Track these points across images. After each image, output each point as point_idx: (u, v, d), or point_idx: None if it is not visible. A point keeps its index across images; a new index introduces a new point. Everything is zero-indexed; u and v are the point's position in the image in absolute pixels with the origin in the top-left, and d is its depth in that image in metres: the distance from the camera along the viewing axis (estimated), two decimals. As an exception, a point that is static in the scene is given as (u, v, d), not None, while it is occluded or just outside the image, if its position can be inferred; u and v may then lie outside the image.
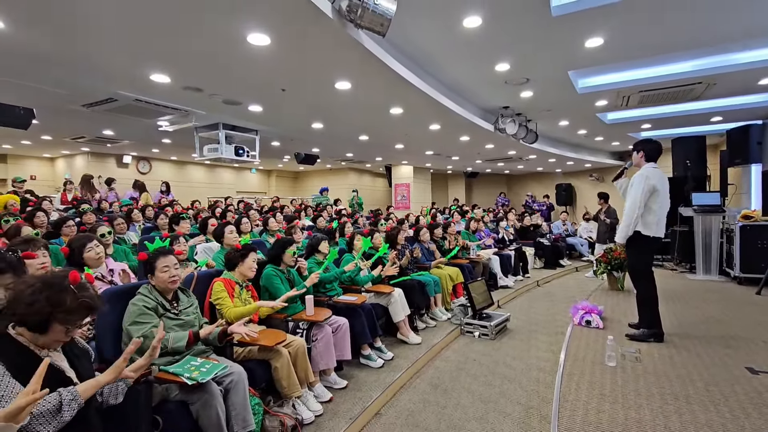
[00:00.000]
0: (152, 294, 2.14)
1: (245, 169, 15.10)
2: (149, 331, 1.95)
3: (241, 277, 2.72)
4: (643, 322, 3.60)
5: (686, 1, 3.34)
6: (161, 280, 2.16)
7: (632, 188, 3.47)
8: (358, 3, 2.69)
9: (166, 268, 2.17)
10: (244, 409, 2.02)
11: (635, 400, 2.43)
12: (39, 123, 6.70)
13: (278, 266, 3.11)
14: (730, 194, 7.69)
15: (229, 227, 3.99)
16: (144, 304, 2.05)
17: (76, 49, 3.75)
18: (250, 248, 2.76)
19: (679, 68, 5.02)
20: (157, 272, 2.16)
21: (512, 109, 6.74)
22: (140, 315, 2.01)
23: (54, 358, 1.41)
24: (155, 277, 2.17)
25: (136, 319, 2.00)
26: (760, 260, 5.69)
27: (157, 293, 2.16)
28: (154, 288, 2.18)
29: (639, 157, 3.58)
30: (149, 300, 2.09)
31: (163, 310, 2.13)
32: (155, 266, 2.16)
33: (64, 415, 1.27)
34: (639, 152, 3.57)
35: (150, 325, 1.99)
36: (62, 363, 1.44)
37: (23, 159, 11.05)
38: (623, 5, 3.36)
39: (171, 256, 2.22)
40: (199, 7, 2.99)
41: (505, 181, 17.43)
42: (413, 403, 2.81)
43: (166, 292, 2.20)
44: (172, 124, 6.57)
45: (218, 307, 2.53)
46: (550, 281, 7.20)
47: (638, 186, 3.42)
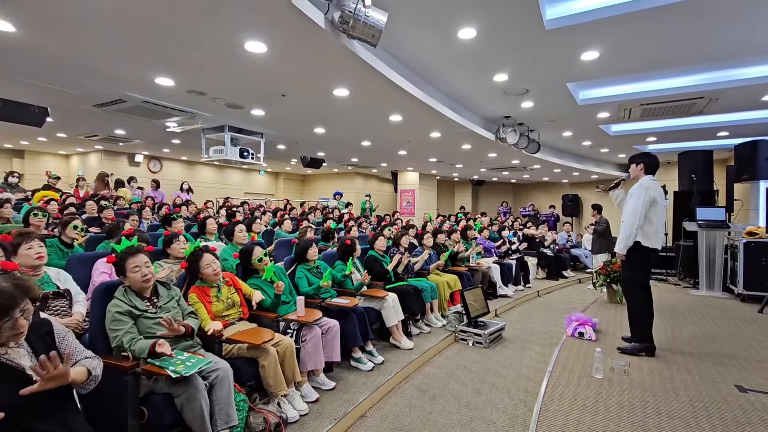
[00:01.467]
0: (126, 296, 2.13)
1: (254, 171, 15.29)
2: (120, 341, 1.99)
3: (210, 280, 2.66)
4: (636, 335, 3.57)
5: (682, 17, 3.36)
6: (134, 281, 2.15)
7: (632, 199, 3.44)
8: (350, 14, 2.77)
9: (136, 268, 2.15)
10: (227, 405, 2.07)
11: (617, 413, 2.44)
12: (53, 121, 6.92)
13: (258, 275, 3.13)
14: (736, 210, 7.60)
15: (239, 226, 4.13)
16: (116, 309, 2.05)
17: (85, 53, 3.91)
18: (196, 255, 2.68)
19: (681, 82, 5.02)
20: (129, 273, 2.14)
21: (514, 119, 6.78)
22: (113, 321, 2.03)
23: (12, 356, 1.41)
24: (127, 278, 2.15)
25: (110, 326, 2.03)
26: (764, 278, 5.61)
27: (133, 294, 2.16)
28: (129, 289, 2.17)
29: (638, 170, 3.56)
30: (122, 304, 2.08)
31: (138, 312, 2.12)
32: (125, 267, 2.15)
33: None
34: (639, 165, 3.56)
35: (123, 331, 2.01)
36: (21, 360, 1.43)
37: (39, 155, 11.37)
38: (616, 20, 3.39)
39: (140, 255, 2.20)
40: (197, 15, 3.11)
41: (511, 190, 17.38)
42: (399, 407, 2.85)
43: (142, 291, 2.20)
44: (179, 126, 6.73)
45: None
46: (552, 292, 7.17)
47: (638, 196, 3.40)
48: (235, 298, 2.76)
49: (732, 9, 3.25)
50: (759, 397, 2.67)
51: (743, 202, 7.90)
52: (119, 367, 1.92)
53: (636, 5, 3.21)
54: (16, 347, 1.44)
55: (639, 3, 3.19)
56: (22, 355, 1.45)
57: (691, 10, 3.26)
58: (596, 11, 3.32)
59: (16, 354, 1.43)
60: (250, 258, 3.13)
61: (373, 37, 2.91)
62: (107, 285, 2.24)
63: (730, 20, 3.42)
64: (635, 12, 3.25)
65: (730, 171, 7.83)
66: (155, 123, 6.71)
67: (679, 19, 3.40)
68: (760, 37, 3.73)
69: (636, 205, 3.38)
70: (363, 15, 2.75)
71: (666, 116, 6.28)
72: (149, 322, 2.15)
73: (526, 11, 3.30)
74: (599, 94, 5.59)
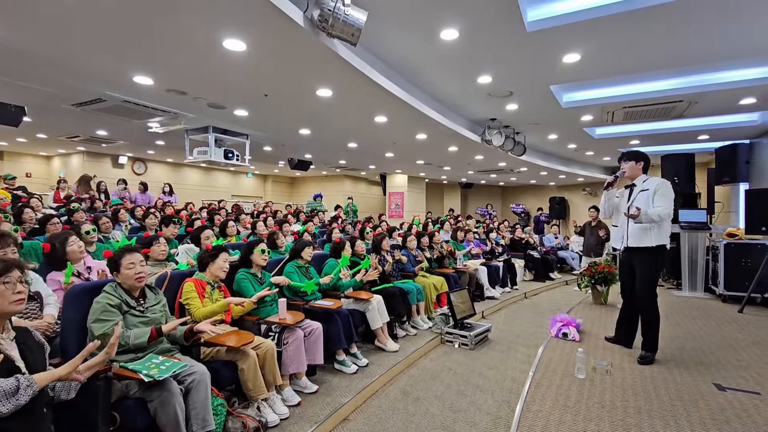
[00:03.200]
0: (117, 291, 2.14)
1: (241, 173, 15.15)
2: (111, 329, 1.96)
3: (213, 277, 2.74)
4: (649, 344, 3.38)
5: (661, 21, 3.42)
6: (127, 277, 2.17)
7: (664, 197, 3.26)
8: (329, 12, 2.76)
9: (131, 264, 2.18)
10: (204, 409, 2.02)
11: (597, 413, 2.45)
12: (32, 121, 6.77)
13: (249, 269, 3.12)
14: (717, 212, 7.76)
15: (205, 232, 3.96)
16: (107, 301, 2.05)
17: (60, 49, 3.82)
18: (220, 249, 2.78)
19: (661, 86, 5.12)
20: (123, 269, 2.17)
21: (499, 121, 6.83)
22: (103, 312, 2.02)
23: (4, 346, 1.43)
24: (121, 275, 2.18)
25: (99, 317, 2.01)
26: (744, 278, 5.71)
27: (123, 291, 2.17)
28: (120, 286, 2.18)
29: (638, 168, 3.46)
30: (113, 297, 2.09)
31: (128, 308, 2.13)
32: (120, 263, 2.17)
33: (20, 399, 1.32)
34: (639, 162, 3.47)
35: (112, 323, 1.99)
36: (12, 352, 1.46)
37: (20, 156, 11.11)
38: (596, 23, 3.44)
39: (137, 254, 2.23)
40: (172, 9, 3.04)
41: (499, 193, 17.52)
42: (382, 410, 2.82)
43: (132, 289, 2.21)
44: (162, 126, 6.63)
45: (187, 307, 2.54)
46: (538, 294, 7.21)
47: (670, 193, 3.27)
48: (222, 303, 2.74)
49: (709, 15, 3.32)
50: (737, 395, 2.71)
51: (724, 204, 8.07)
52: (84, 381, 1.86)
53: (615, 8, 3.26)
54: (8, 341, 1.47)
55: (618, 6, 3.25)
56: (13, 348, 1.48)
57: (668, 15, 3.32)
58: (576, 14, 3.37)
59: (8, 346, 1.47)
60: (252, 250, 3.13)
61: (353, 36, 2.90)
62: (82, 287, 2.19)
63: (708, 26, 3.50)
64: (615, 15, 3.31)
65: (711, 174, 8.01)
66: (137, 123, 6.60)
67: (658, 24, 3.47)
68: (736, 43, 3.83)
69: (670, 201, 3.24)
70: (342, 13, 2.74)
71: (648, 119, 6.40)
72: (135, 320, 2.14)
73: (507, 13, 3.33)
74: (582, 97, 5.67)
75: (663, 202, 3.24)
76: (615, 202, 3.58)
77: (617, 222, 3.57)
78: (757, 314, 5.13)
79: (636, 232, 3.34)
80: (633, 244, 3.37)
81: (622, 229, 3.48)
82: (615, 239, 3.63)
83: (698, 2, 3.11)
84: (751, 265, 5.69)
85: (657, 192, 3.28)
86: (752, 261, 5.72)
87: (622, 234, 3.46)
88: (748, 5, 3.17)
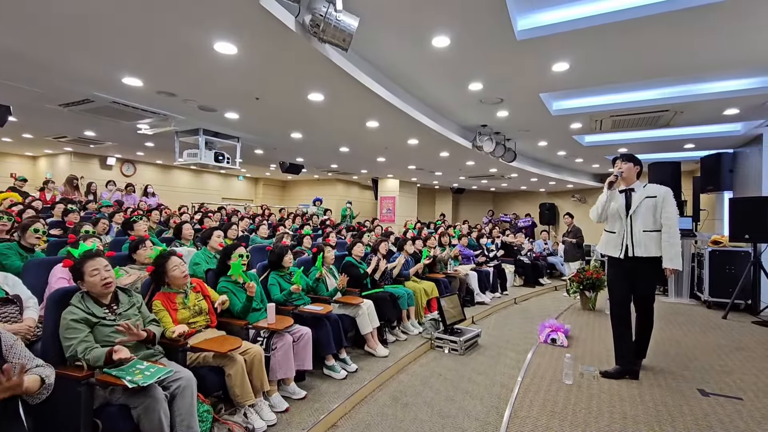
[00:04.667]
0: (83, 303, 2.05)
1: (232, 176, 15.04)
2: (74, 350, 1.90)
3: (177, 284, 2.60)
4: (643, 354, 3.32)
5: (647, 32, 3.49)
6: (92, 285, 2.08)
7: (672, 205, 3.08)
8: (320, 17, 2.76)
9: (95, 271, 2.08)
10: (189, 416, 1.99)
11: (584, 419, 2.47)
12: (18, 121, 6.65)
13: (228, 277, 3.04)
14: (702, 219, 7.90)
15: (217, 232, 4.02)
16: (72, 317, 1.97)
17: (48, 50, 3.76)
18: (162, 258, 2.61)
19: (648, 95, 5.22)
20: (87, 277, 2.07)
21: (490, 128, 6.89)
22: (67, 330, 1.94)
23: None
24: (86, 283, 2.08)
25: (64, 335, 1.94)
26: (728, 285, 5.82)
27: (91, 301, 2.09)
28: (87, 295, 2.09)
29: (635, 170, 3.25)
30: (78, 311, 2.00)
31: (96, 319, 2.04)
32: (83, 271, 2.07)
33: None
34: (637, 165, 3.26)
35: (78, 340, 1.92)
36: None
37: (4, 156, 10.89)
38: (584, 33, 3.50)
39: (99, 258, 2.13)
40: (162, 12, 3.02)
41: (491, 199, 17.63)
42: (371, 416, 2.80)
43: (101, 297, 2.12)
44: (151, 128, 6.57)
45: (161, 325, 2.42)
46: (528, 299, 7.27)
47: (674, 203, 3.11)
48: (202, 304, 2.68)
49: (694, 28, 3.40)
50: (719, 401, 2.75)
51: (709, 211, 8.23)
52: (72, 377, 1.83)
53: (603, 19, 3.32)
54: None
55: (605, 17, 3.31)
56: None
57: (654, 27, 3.40)
58: (565, 23, 3.43)
59: None
60: (230, 255, 3.06)
61: (345, 42, 2.91)
62: (63, 291, 2.14)
63: (693, 38, 3.58)
64: (602, 25, 3.36)
65: (696, 182, 8.16)
66: (126, 125, 6.51)
67: (644, 35, 3.54)
68: (721, 55, 3.92)
69: (677, 212, 3.08)
70: (334, 19, 2.75)
71: (635, 128, 6.51)
72: (107, 330, 2.06)
73: (497, 22, 3.37)
74: (571, 105, 5.76)
75: (672, 214, 3.05)
76: (613, 207, 3.28)
77: (614, 228, 3.28)
78: (741, 320, 5.22)
79: (646, 241, 3.08)
80: (643, 254, 3.08)
81: (620, 235, 3.21)
82: (609, 246, 3.30)
83: (683, 15, 3.18)
84: (735, 272, 5.81)
85: (665, 201, 3.08)
86: (736, 268, 5.83)
87: (621, 241, 3.20)
88: (732, 20, 3.25)
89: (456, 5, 3.17)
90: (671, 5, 3.11)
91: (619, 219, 3.24)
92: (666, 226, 3.04)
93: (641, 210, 3.13)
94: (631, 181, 3.26)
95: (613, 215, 3.28)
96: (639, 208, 3.15)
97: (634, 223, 3.15)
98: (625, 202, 3.22)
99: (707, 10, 3.11)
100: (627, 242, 3.17)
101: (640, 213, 3.13)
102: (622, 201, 3.24)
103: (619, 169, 3.23)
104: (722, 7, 3.06)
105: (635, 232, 3.13)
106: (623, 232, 3.20)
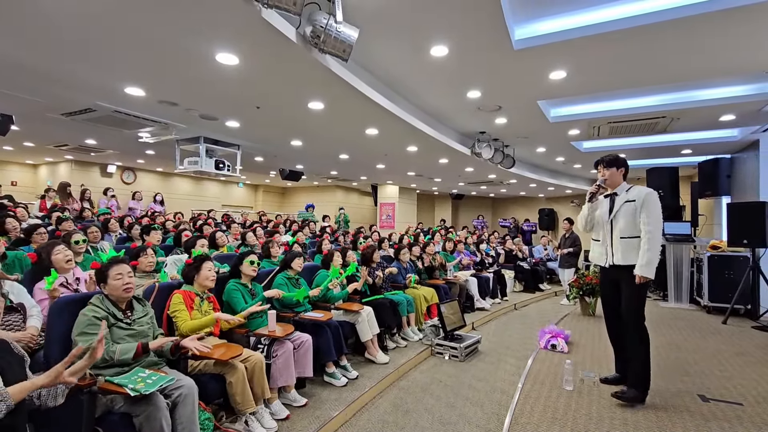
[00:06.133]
0: (104, 304, 2.12)
1: (232, 183, 15.09)
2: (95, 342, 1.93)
3: (201, 288, 2.72)
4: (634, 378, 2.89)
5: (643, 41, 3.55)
6: (114, 288, 2.15)
7: (653, 208, 2.87)
8: (321, 29, 2.81)
9: (119, 275, 2.16)
10: (191, 424, 2.00)
11: (585, 425, 2.47)
12: (19, 129, 6.69)
13: (240, 280, 3.11)
14: (700, 224, 7.93)
15: (201, 240, 4.01)
16: (94, 314, 2.03)
17: (50, 60, 3.82)
18: (202, 258, 2.76)
19: (645, 102, 5.28)
20: (110, 280, 2.15)
21: (489, 135, 6.95)
22: (88, 326, 1.99)
23: None
24: (108, 286, 2.16)
25: (84, 330, 1.98)
26: (728, 290, 5.83)
27: (110, 303, 2.15)
28: (107, 297, 2.17)
29: (619, 174, 3.08)
30: (99, 310, 2.07)
31: (114, 320, 2.11)
32: (108, 275, 2.15)
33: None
34: (620, 169, 3.07)
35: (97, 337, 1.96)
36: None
37: (5, 165, 10.94)
38: (580, 42, 3.55)
39: (124, 264, 2.22)
40: (165, 23, 3.07)
41: (490, 204, 17.68)
42: (372, 423, 2.80)
43: (120, 301, 2.19)
44: (153, 136, 6.62)
45: (174, 319, 2.52)
46: (528, 305, 7.26)
47: (658, 205, 2.90)
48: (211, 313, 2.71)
49: (689, 36, 3.45)
50: (720, 406, 2.76)
51: (707, 217, 8.25)
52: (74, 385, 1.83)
53: (598, 28, 3.38)
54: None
55: (601, 27, 3.36)
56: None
57: (650, 36, 3.45)
58: (562, 33, 3.48)
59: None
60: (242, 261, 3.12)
61: (345, 52, 2.96)
62: (67, 300, 2.16)
63: (689, 45, 3.63)
64: (598, 35, 3.42)
65: (694, 187, 8.20)
66: (128, 133, 6.57)
67: (640, 43, 3.59)
68: (717, 62, 3.97)
69: (659, 216, 2.87)
70: (334, 30, 2.80)
71: (633, 134, 6.57)
72: (122, 333, 2.11)
73: (494, 31, 3.43)
74: (569, 112, 5.81)
75: (650, 218, 2.85)
76: (597, 214, 3.17)
77: (598, 236, 3.16)
78: (740, 325, 5.22)
79: (624, 247, 2.93)
80: (620, 262, 2.93)
81: (605, 244, 3.08)
82: (595, 254, 3.19)
83: (679, 23, 3.23)
84: (734, 277, 5.82)
85: (645, 205, 2.89)
86: (735, 273, 5.85)
87: (605, 250, 3.07)
88: (728, 27, 3.30)
89: (454, 16, 3.23)
90: (667, 15, 3.16)
91: (602, 226, 3.12)
92: (643, 231, 2.86)
93: (620, 215, 2.98)
94: (615, 185, 3.09)
95: (598, 222, 3.16)
96: (618, 213, 3.00)
97: (614, 229, 3.01)
98: (609, 208, 3.08)
99: (702, 19, 3.16)
100: (609, 250, 3.04)
101: (620, 218, 2.98)
102: (606, 206, 3.10)
103: (603, 177, 3.09)
104: (718, 16, 3.11)
105: (616, 238, 2.99)
106: (606, 240, 3.07)
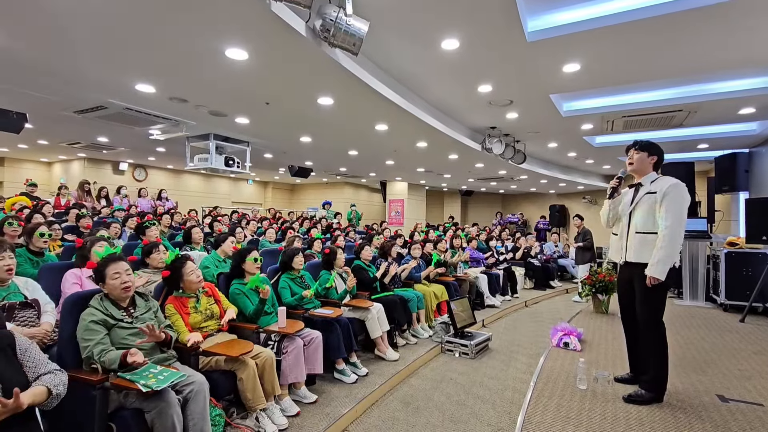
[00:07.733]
0: (102, 305, 2.09)
1: (242, 180, 15.18)
2: (90, 352, 1.93)
3: (191, 289, 2.62)
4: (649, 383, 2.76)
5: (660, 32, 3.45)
6: (113, 288, 2.12)
7: (674, 203, 2.57)
8: (331, 22, 2.78)
9: (117, 274, 2.13)
10: (202, 420, 2.00)
11: (599, 424, 2.42)
12: (33, 127, 6.80)
13: (242, 280, 3.05)
14: (717, 221, 7.76)
15: (231, 238, 4.07)
16: (91, 318, 2.00)
17: (61, 58, 3.85)
18: (180, 260, 2.64)
19: (661, 95, 5.15)
20: (108, 279, 2.11)
21: (499, 130, 6.86)
22: (85, 331, 1.97)
23: None
24: (106, 285, 2.12)
25: (82, 336, 1.97)
26: (745, 287, 5.69)
27: (109, 302, 2.12)
28: (106, 297, 2.13)
29: (649, 162, 2.75)
30: (97, 312, 2.04)
31: (114, 321, 2.07)
32: (105, 274, 2.12)
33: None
34: (652, 156, 2.75)
35: (95, 342, 1.94)
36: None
37: (20, 163, 11.13)
38: (595, 34, 3.46)
39: (122, 262, 2.18)
40: (174, 20, 3.07)
41: (500, 201, 17.52)
42: (382, 420, 2.79)
43: (120, 300, 2.16)
44: (163, 133, 6.66)
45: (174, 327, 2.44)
46: (539, 302, 7.19)
47: (682, 200, 2.59)
48: (214, 309, 2.70)
49: (707, 26, 3.35)
50: (740, 407, 2.68)
51: (724, 213, 8.07)
52: (87, 381, 1.85)
53: (614, 19, 3.29)
54: None
55: (617, 17, 3.27)
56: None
57: (667, 26, 3.35)
58: (576, 24, 3.40)
59: None
60: (244, 258, 3.07)
61: (354, 46, 2.92)
62: (78, 296, 2.17)
63: (706, 36, 3.52)
64: (614, 26, 3.33)
65: (711, 182, 8.02)
66: (138, 130, 6.63)
67: (657, 34, 3.50)
68: (735, 53, 3.85)
69: (682, 212, 2.57)
70: (344, 24, 2.76)
71: (648, 128, 6.43)
72: (124, 332, 2.09)
73: (507, 23, 3.36)
74: (582, 106, 5.70)
75: (669, 213, 2.56)
76: (620, 208, 2.89)
77: (617, 229, 2.91)
78: (759, 324, 5.10)
79: (638, 243, 2.69)
80: (632, 259, 2.70)
81: (622, 238, 2.83)
82: (612, 249, 2.96)
83: (697, 14, 3.13)
84: (752, 274, 5.67)
85: (665, 198, 2.59)
86: (753, 270, 5.70)
87: (622, 245, 2.82)
88: (746, 17, 3.19)
89: (465, 8, 3.17)
90: (683, 4, 3.07)
91: (621, 220, 2.87)
92: (660, 226, 2.59)
93: (640, 208, 2.71)
94: (642, 173, 2.78)
95: (620, 215, 2.91)
96: (638, 206, 2.72)
97: (631, 223, 2.76)
98: (632, 199, 2.80)
99: (720, 9, 3.06)
100: (624, 245, 2.79)
101: (639, 211, 2.71)
102: (629, 197, 2.83)
103: (629, 161, 2.82)
104: (735, 5, 3.01)
105: (631, 233, 2.74)
106: (623, 234, 2.81)
